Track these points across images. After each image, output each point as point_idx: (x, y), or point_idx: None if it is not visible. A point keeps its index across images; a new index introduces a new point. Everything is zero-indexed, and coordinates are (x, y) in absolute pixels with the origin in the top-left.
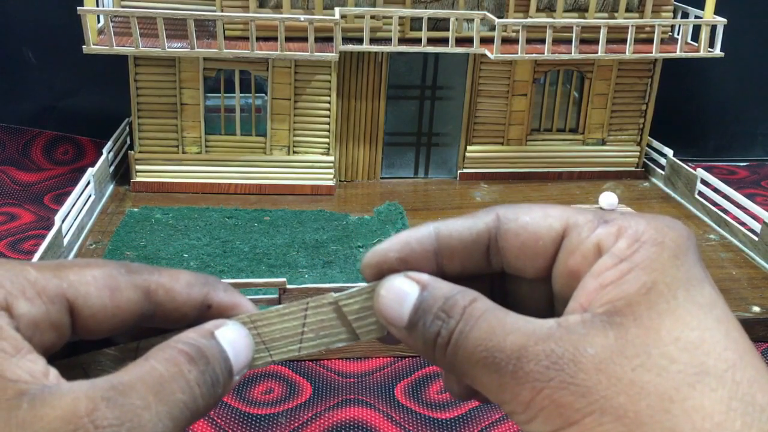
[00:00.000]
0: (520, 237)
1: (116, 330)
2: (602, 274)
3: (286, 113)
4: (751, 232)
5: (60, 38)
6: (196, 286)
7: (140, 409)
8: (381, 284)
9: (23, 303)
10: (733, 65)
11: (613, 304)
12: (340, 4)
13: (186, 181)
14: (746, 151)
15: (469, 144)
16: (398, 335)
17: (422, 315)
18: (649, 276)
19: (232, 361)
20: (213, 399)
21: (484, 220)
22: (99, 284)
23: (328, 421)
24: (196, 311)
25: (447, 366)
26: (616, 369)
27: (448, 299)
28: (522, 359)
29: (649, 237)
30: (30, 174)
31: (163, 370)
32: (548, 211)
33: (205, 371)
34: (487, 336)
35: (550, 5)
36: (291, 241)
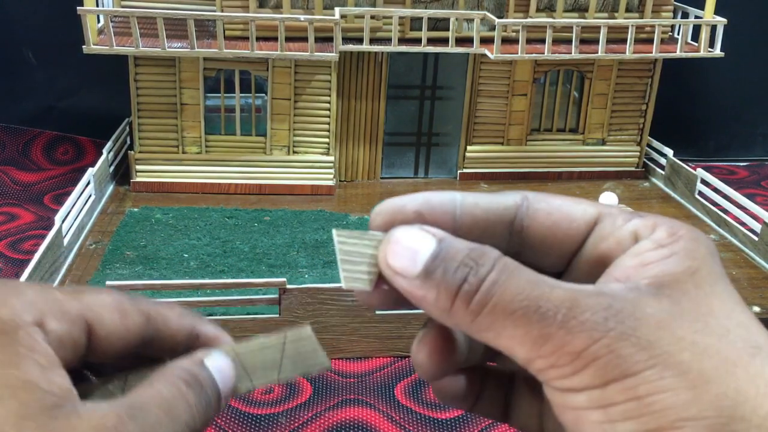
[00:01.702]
0: (552, 216)
1: (122, 353)
2: (642, 254)
3: (286, 113)
4: (751, 232)
5: (60, 38)
6: (186, 317)
7: (156, 425)
8: (391, 231)
9: (53, 321)
10: (733, 65)
11: (659, 278)
12: (340, 4)
13: (186, 181)
14: (746, 151)
15: (469, 144)
16: (406, 287)
17: (442, 262)
18: (693, 262)
19: (220, 387)
20: (207, 420)
21: (512, 198)
22: (111, 308)
23: (328, 421)
24: (186, 339)
25: (465, 321)
26: (678, 329)
27: (474, 249)
28: (575, 309)
29: (685, 233)
30: (30, 174)
31: (167, 394)
32: (579, 200)
33: (201, 395)
34: (530, 286)
35: (550, 5)
36: (291, 241)
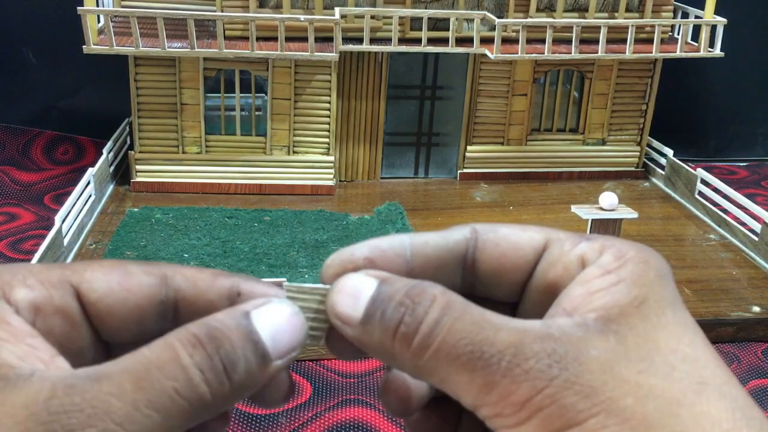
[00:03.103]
0: (499, 247)
1: (136, 319)
2: (590, 282)
3: (286, 113)
4: (751, 232)
5: (60, 38)
6: (222, 275)
7: (109, 396)
8: (336, 281)
9: (22, 290)
10: (733, 65)
11: (606, 311)
12: (340, 4)
13: (186, 181)
14: (746, 151)
15: (469, 144)
16: (352, 334)
17: (380, 305)
18: (640, 290)
19: (268, 344)
20: (229, 387)
21: (461, 232)
22: (107, 269)
23: (328, 421)
24: (224, 300)
25: (409, 365)
26: (622, 371)
27: (413, 287)
28: (519, 355)
29: (633, 255)
30: (30, 174)
31: (152, 356)
32: (527, 226)
33: (214, 355)
34: (473, 328)
35: (550, 5)
36: (291, 241)
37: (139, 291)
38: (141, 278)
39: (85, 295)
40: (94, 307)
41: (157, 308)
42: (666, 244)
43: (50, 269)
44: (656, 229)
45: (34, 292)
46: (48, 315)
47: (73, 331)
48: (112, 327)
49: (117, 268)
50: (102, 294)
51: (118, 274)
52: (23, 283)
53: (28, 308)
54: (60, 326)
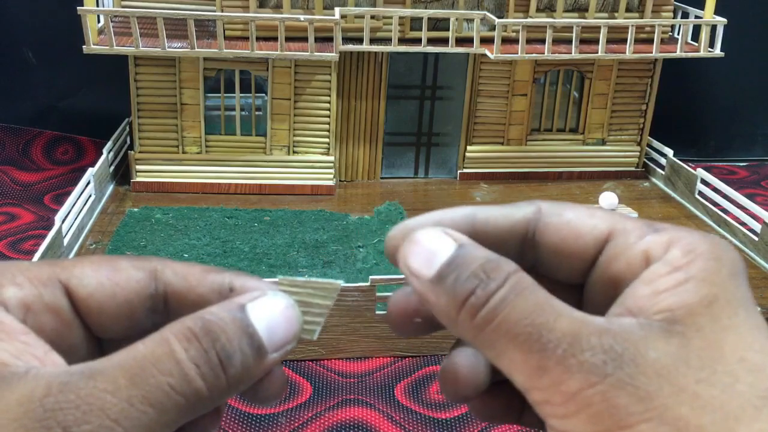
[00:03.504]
0: (561, 232)
1: (126, 314)
2: (655, 281)
3: (286, 113)
4: (751, 232)
5: (60, 38)
6: (214, 271)
7: (104, 392)
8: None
9: (11, 288)
10: (733, 65)
11: (673, 312)
12: (340, 4)
13: (186, 181)
14: (746, 151)
15: (469, 144)
16: (420, 289)
17: (456, 269)
18: (710, 289)
19: (263, 337)
20: (225, 381)
21: (524, 211)
22: (95, 265)
23: (328, 421)
24: (216, 294)
25: (469, 334)
26: (680, 378)
27: (490, 260)
28: (575, 346)
29: (705, 250)
30: (30, 174)
31: (146, 351)
32: (594, 212)
33: (210, 349)
34: (536, 310)
35: (550, 5)
36: (291, 241)
37: (128, 286)
38: (130, 273)
39: (75, 291)
40: (84, 303)
41: (147, 302)
42: None
43: (39, 267)
44: None
45: (24, 290)
46: (38, 312)
47: (64, 328)
48: (102, 322)
49: (106, 263)
50: (91, 290)
51: (107, 269)
52: (12, 281)
53: (18, 306)
54: (51, 323)
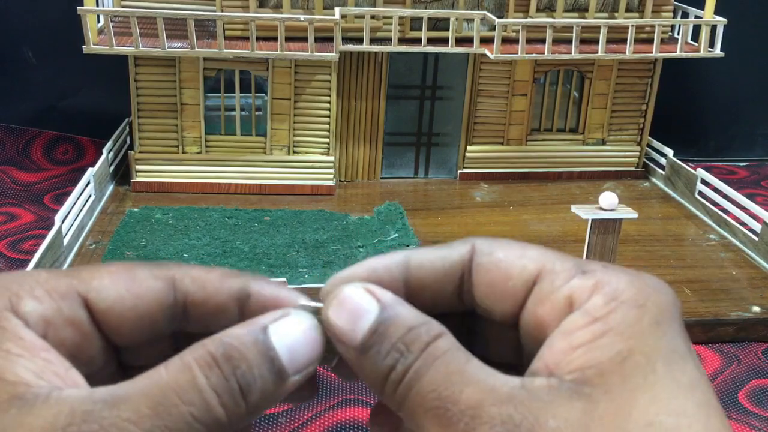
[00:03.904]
0: (490, 273)
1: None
2: (573, 334)
3: (286, 113)
4: (751, 232)
5: (60, 38)
6: (231, 276)
7: (127, 422)
8: (335, 292)
9: (30, 302)
10: (733, 65)
11: (583, 371)
12: (340, 4)
13: (186, 181)
14: (746, 151)
15: (469, 144)
16: (345, 354)
17: (378, 341)
18: (626, 343)
19: (284, 360)
20: (245, 408)
21: (459, 251)
22: (114, 276)
23: (328, 421)
24: (234, 301)
25: (394, 405)
26: None
27: (412, 330)
28: (476, 419)
29: (629, 297)
30: (30, 174)
31: (169, 379)
32: (526, 251)
33: (230, 376)
34: (443, 382)
35: (550, 5)
36: (291, 241)
37: (147, 297)
38: (149, 283)
39: (94, 304)
40: (104, 316)
41: (166, 312)
42: (666, 244)
43: (57, 278)
44: (656, 229)
45: (44, 305)
46: (59, 327)
47: (83, 341)
48: (122, 334)
49: (124, 274)
50: (111, 302)
51: (126, 280)
52: (31, 294)
53: (38, 321)
54: (71, 338)
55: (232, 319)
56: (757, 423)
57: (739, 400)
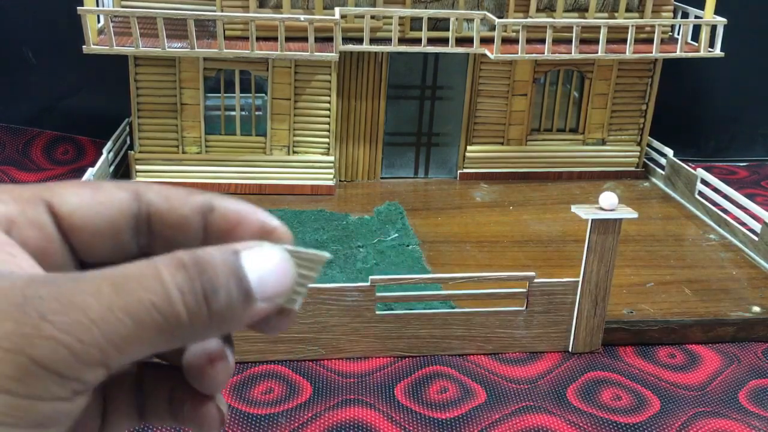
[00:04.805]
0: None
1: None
2: None
3: (286, 113)
4: (751, 232)
5: (60, 38)
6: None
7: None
8: None
9: None
10: (733, 65)
11: None
12: (340, 4)
13: (186, 181)
14: (746, 151)
15: (469, 144)
16: None
17: None
18: None
19: (253, 284)
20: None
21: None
22: (79, 186)
23: (328, 421)
24: (197, 215)
25: None
26: None
27: None
28: None
29: None
30: (30, 174)
31: (134, 269)
32: None
33: (195, 279)
34: None
35: (550, 5)
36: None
37: (111, 204)
38: (113, 192)
39: (58, 208)
40: (68, 221)
41: (130, 222)
42: (666, 244)
43: (23, 187)
44: (656, 229)
45: (8, 207)
46: (22, 227)
47: (48, 245)
48: (86, 241)
49: (90, 185)
50: (74, 207)
51: (91, 188)
52: None
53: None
54: (35, 239)
55: (196, 233)
56: (757, 423)
57: (739, 400)
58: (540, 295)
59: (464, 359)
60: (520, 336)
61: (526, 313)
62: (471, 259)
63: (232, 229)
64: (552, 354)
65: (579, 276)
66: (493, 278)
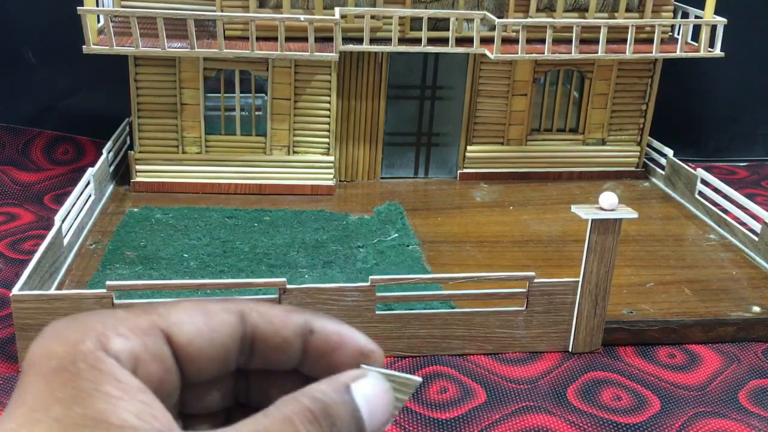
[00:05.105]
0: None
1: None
2: None
3: (286, 113)
4: (751, 232)
5: (60, 38)
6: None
7: None
8: None
9: (118, 340)
10: (733, 65)
11: None
12: (340, 4)
13: (186, 181)
14: (746, 151)
15: (469, 144)
16: None
17: None
18: None
19: (366, 421)
20: None
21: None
22: (190, 311)
23: None
24: (298, 336)
25: None
26: None
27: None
28: None
29: None
30: (30, 174)
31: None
32: None
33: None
34: None
35: (550, 5)
36: (291, 241)
37: (222, 330)
38: (223, 317)
39: (176, 338)
40: (185, 350)
41: (237, 347)
42: (666, 244)
43: (137, 315)
44: (656, 229)
45: (131, 342)
46: (147, 363)
47: (167, 376)
48: (200, 367)
49: (198, 308)
50: (191, 336)
51: (201, 314)
52: (116, 332)
53: (128, 358)
54: (157, 373)
55: (295, 354)
56: (757, 423)
57: (739, 400)
58: (540, 295)
59: (464, 359)
60: (520, 336)
61: (526, 313)
62: (471, 259)
63: (331, 351)
64: (552, 354)
65: (579, 276)
66: (493, 278)
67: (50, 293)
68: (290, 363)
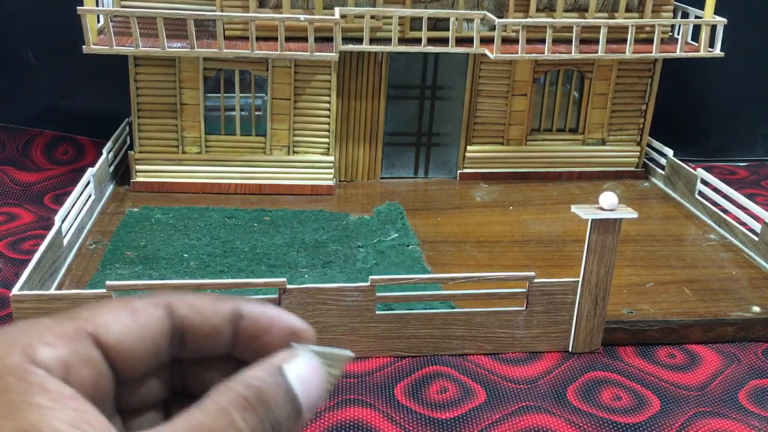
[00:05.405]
0: None
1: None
2: None
3: (286, 113)
4: (751, 232)
5: (60, 38)
6: (222, 299)
7: None
8: None
9: (45, 349)
10: (733, 65)
11: None
12: (340, 4)
13: (186, 181)
14: (746, 151)
15: (469, 144)
16: None
17: None
18: None
19: (301, 399)
20: None
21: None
22: (115, 310)
23: (328, 421)
24: (227, 324)
25: None
26: None
27: None
28: None
29: None
30: (30, 174)
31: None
32: None
33: (265, 418)
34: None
35: (550, 5)
36: (291, 241)
37: (152, 325)
38: (150, 312)
39: (104, 340)
40: (115, 350)
41: (168, 340)
42: (666, 244)
43: (62, 323)
44: (656, 229)
45: (59, 350)
46: (77, 368)
47: (100, 378)
48: (132, 365)
49: (124, 306)
50: (119, 336)
51: (127, 312)
52: (42, 341)
53: (57, 366)
54: (89, 377)
55: (226, 340)
56: (757, 423)
57: (739, 400)
58: (540, 295)
59: (464, 359)
60: (520, 336)
61: (526, 313)
62: (471, 259)
63: (261, 334)
64: (552, 354)
65: (579, 276)
66: (493, 278)
67: (50, 293)
68: (222, 349)
